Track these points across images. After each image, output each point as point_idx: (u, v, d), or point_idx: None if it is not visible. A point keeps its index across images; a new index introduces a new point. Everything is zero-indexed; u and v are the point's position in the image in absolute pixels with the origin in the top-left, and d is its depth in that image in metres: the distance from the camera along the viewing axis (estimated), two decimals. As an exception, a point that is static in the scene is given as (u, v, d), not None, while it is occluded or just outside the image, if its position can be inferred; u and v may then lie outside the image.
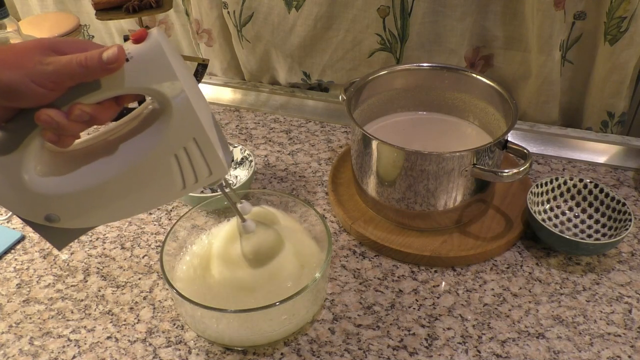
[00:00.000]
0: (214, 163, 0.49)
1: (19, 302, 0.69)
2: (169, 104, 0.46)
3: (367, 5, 0.92)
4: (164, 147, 0.47)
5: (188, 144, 0.47)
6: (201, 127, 0.47)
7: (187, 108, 0.46)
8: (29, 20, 1.01)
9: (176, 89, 0.45)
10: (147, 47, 0.44)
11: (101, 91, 0.44)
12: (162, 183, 0.49)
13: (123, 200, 0.49)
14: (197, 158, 0.48)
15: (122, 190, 0.49)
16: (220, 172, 0.50)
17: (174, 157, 0.48)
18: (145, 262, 0.73)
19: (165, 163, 0.48)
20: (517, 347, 0.61)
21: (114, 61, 0.43)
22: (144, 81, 0.45)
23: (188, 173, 0.49)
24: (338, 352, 0.62)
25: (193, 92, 0.48)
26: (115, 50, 0.43)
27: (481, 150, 0.67)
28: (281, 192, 0.71)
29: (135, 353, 0.62)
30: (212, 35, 1.06)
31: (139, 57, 0.44)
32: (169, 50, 0.45)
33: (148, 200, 0.51)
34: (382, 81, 0.81)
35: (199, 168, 0.49)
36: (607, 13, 0.82)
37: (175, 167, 0.48)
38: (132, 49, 0.44)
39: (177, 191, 0.50)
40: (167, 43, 0.46)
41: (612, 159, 0.88)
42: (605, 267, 0.70)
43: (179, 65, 0.47)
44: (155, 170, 0.48)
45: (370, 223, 0.75)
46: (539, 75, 0.90)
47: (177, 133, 0.47)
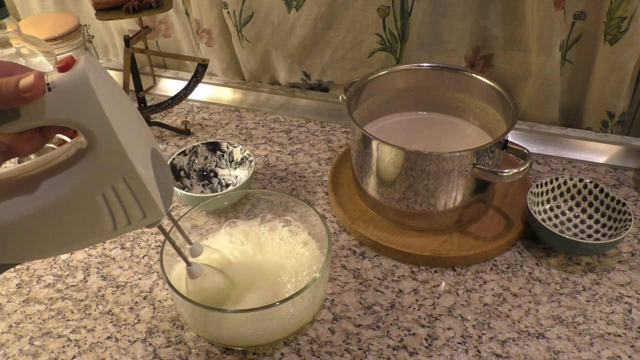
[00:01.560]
0: (147, 205, 0.46)
1: (19, 302, 0.69)
2: (95, 139, 0.42)
3: (367, 5, 0.92)
4: (89, 185, 0.44)
5: (117, 184, 0.44)
6: (131, 167, 0.43)
7: (114, 145, 0.42)
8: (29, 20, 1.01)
9: (102, 125, 0.41)
10: (71, 77, 0.41)
11: (20, 121, 0.41)
12: (89, 223, 0.46)
13: (46, 238, 0.46)
14: (127, 199, 0.45)
15: (44, 228, 0.45)
16: (156, 214, 0.47)
17: (102, 197, 0.44)
18: (145, 262, 0.73)
19: (91, 202, 0.44)
20: (517, 347, 0.61)
21: (30, 89, 0.39)
22: (67, 113, 0.41)
23: (119, 214, 0.45)
24: (338, 352, 0.62)
25: (127, 126, 0.45)
26: (32, 78, 0.39)
27: (481, 150, 0.67)
28: (281, 192, 0.71)
29: (135, 353, 0.62)
30: (212, 35, 1.06)
31: (62, 87, 0.41)
32: (97, 81, 0.42)
33: (75, 240, 0.47)
34: (382, 81, 0.81)
35: (131, 210, 0.45)
36: (607, 13, 0.82)
37: (103, 207, 0.44)
38: (55, 78, 0.41)
39: (107, 232, 0.46)
40: (96, 72, 0.42)
41: (612, 159, 0.88)
42: (605, 267, 0.70)
43: (109, 97, 0.43)
44: (81, 209, 0.45)
45: (370, 223, 0.75)
46: (539, 75, 0.90)
47: (104, 171, 0.43)
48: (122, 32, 1.14)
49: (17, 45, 0.76)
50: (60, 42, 0.94)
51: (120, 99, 0.47)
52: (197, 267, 0.57)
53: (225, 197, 0.72)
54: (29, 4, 1.18)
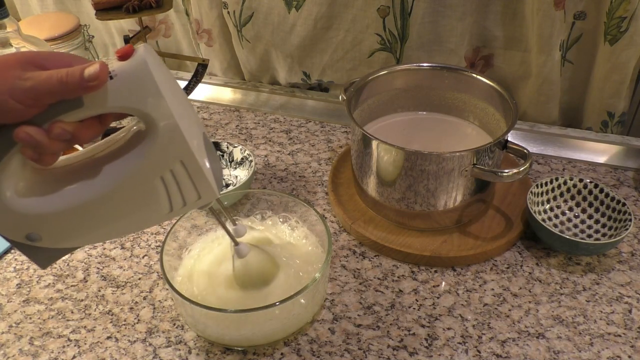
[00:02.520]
0: (202, 187, 0.47)
1: (19, 302, 0.69)
2: (155, 125, 0.44)
3: (367, 5, 0.92)
4: (149, 169, 0.45)
5: (175, 167, 0.46)
6: (189, 150, 0.45)
7: (173, 130, 0.44)
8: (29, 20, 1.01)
9: (162, 110, 0.43)
10: (132, 65, 0.42)
11: (83, 109, 0.42)
12: (148, 205, 0.47)
13: (107, 222, 0.48)
14: (184, 181, 0.46)
15: (105, 211, 0.47)
16: (210, 196, 0.48)
17: (160, 180, 0.46)
18: (145, 262, 0.73)
19: (150, 185, 0.46)
20: (517, 347, 0.61)
21: (95, 79, 0.41)
22: (128, 100, 0.43)
23: (175, 196, 0.47)
24: (338, 352, 0.62)
25: (182, 111, 0.46)
26: (97, 67, 0.41)
27: (481, 150, 0.67)
28: (281, 192, 0.71)
29: (135, 353, 0.62)
30: (212, 35, 1.06)
31: (123, 75, 0.42)
32: (156, 68, 0.43)
33: (133, 222, 0.49)
34: (382, 81, 0.81)
35: (187, 191, 0.47)
36: (607, 13, 0.82)
37: (162, 189, 0.46)
38: (116, 67, 0.42)
39: (164, 214, 0.48)
40: (154, 60, 0.44)
41: (612, 159, 0.88)
42: (605, 267, 0.70)
43: (166, 84, 0.45)
44: (140, 193, 0.46)
45: (370, 223, 0.75)
46: (539, 75, 0.90)
47: (163, 155, 0.45)
48: (122, 32, 1.14)
49: (17, 45, 0.76)
50: (60, 42, 0.94)
51: (175, 86, 0.48)
52: (244, 246, 0.59)
53: (225, 197, 0.72)
54: (29, 4, 1.18)
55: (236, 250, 0.59)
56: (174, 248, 0.66)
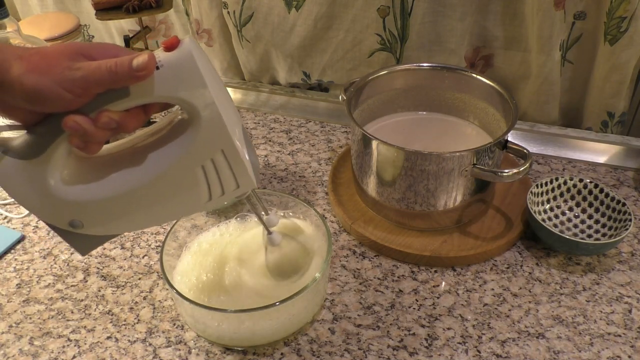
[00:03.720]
0: (241, 176, 0.48)
1: (19, 302, 0.69)
2: (198, 114, 0.45)
3: (367, 5, 0.92)
4: (191, 158, 0.47)
5: (216, 156, 0.47)
6: (230, 140, 0.46)
7: (216, 120, 0.45)
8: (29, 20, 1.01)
9: (206, 100, 0.44)
10: (178, 55, 0.43)
11: (130, 99, 0.44)
12: (188, 194, 0.48)
13: (148, 210, 0.49)
14: (224, 171, 0.48)
15: (147, 199, 0.48)
16: (248, 185, 0.50)
17: (201, 169, 0.47)
18: (145, 262, 0.73)
19: (191, 174, 0.47)
20: (517, 347, 0.61)
21: (144, 68, 0.42)
22: (174, 90, 0.44)
23: (215, 185, 0.48)
24: (338, 352, 0.62)
25: (224, 103, 0.47)
26: (146, 57, 0.42)
27: (481, 150, 0.67)
28: (281, 192, 0.71)
29: (135, 353, 0.62)
30: (212, 35, 1.06)
31: (169, 65, 0.43)
32: (200, 60, 0.44)
33: (173, 211, 0.50)
34: (382, 81, 0.81)
35: (226, 181, 0.48)
36: (607, 13, 0.82)
37: (202, 178, 0.47)
38: (162, 57, 0.43)
39: (202, 203, 0.49)
40: (199, 52, 0.45)
41: (612, 159, 0.88)
42: (605, 267, 0.70)
43: (210, 76, 0.46)
44: (181, 181, 0.47)
45: (370, 223, 0.75)
46: (539, 75, 0.90)
47: (205, 144, 0.46)
48: (122, 32, 1.14)
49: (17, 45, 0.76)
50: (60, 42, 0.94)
51: (217, 78, 0.49)
52: (276, 235, 0.60)
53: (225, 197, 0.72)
54: (29, 4, 1.18)
55: (269, 239, 0.59)
56: (174, 248, 0.66)
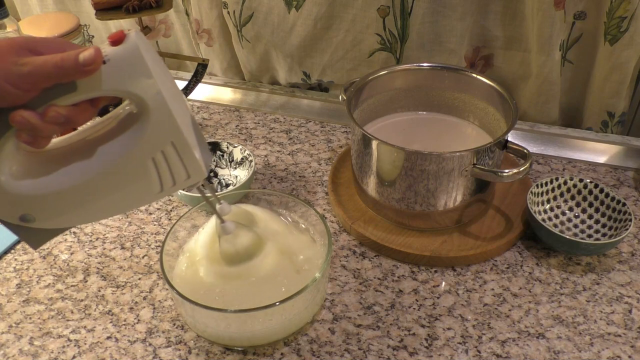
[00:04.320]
0: (192, 166, 0.49)
1: (19, 302, 0.69)
2: (147, 107, 0.45)
3: (367, 5, 0.92)
4: (141, 150, 0.47)
5: (166, 148, 0.47)
6: (179, 131, 0.46)
7: (164, 112, 0.45)
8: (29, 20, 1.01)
9: (153, 92, 0.45)
10: (124, 49, 0.44)
11: (77, 93, 0.44)
12: (139, 186, 0.49)
13: (99, 202, 0.49)
14: (175, 162, 0.48)
15: (97, 192, 0.48)
16: (199, 175, 0.50)
17: (152, 161, 0.47)
18: (145, 262, 0.73)
19: (142, 166, 0.48)
20: (517, 347, 0.61)
21: (91, 63, 0.42)
22: (121, 84, 0.44)
23: (166, 176, 0.49)
24: (338, 352, 0.62)
25: (172, 94, 0.48)
26: (92, 51, 0.42)
27: (481, 150, 0.67)
28: (281, 192, 0.71)
29: (135, 353, 0.62)
30: (212, 35, 1.06)
31: (116, 59, 0.43)
32: (147, 53, 0.45)
33: (125, 203, 0.50)
34: (382, 81, 0.81)
35: (177, 171, 0.49)
36: (607, 13, 0.82)
37: (153, 170, 0.48)
38: (109, 51, 0.44)
39: (154, 194, 0.50)
40: (145, 45, 0.45)
41: (612, 159, 0.88)
42: (605, 267, 0.70)
43: (157, 68, 0.46)
44: (132, 173, 0.48)
45: (370, 223, 0.75)
46: (539, 75, 0.90)
47: (155, 136, 0.46)
48: (122, 32, 1.14)
49: (17, 45, 0.76)
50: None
51: (164, 71, 0.49)
52: (230, 224, 0.60)
53: (225, 197, 0.72)
54: (29, 4, 1.18)
55: (222, 228, 0.60)
56: (174, 248, 0.66)
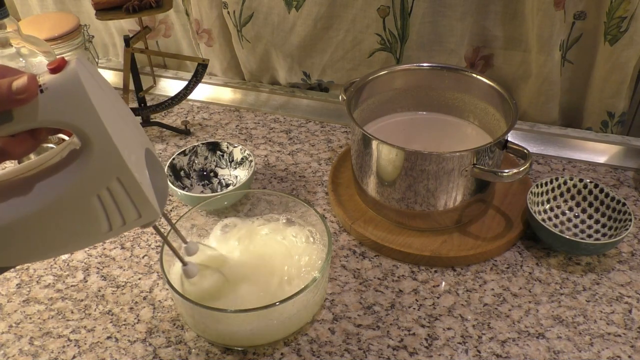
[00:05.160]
0: (142, 205, 0.45)
1: (19, 302, 0.69)
2: (89, 140, 0.42)
3: (367, 5, 0.92)
4: (85, 186, 0.43)
5: (111, 184, 0.44)
6: (125, 166, 0.43)
7: (108, 145, 0.42)
8: (29, 20, 1.01)
9: (95, 125, 0.41)
10: (63, 78, 0.41)
11: (12, 124, 0.40)
12: (85, 225, 0.45)
13: (41, 240, 0.46)
14: (122, 199, 0.44)
15: (39, 230, 0.45)
16: (151, 214, 0.46)
17: (97, 198, 0.44)
18: (145, 262, 0.73)
19: (86, 203, 0.44)
20: (517, 347, 0.61)
21: (23, 92, 0.39)
22: (60, 115, 0.41)
23: (114, 215, 0.45)
24: (338, 352, 0.62)
25: (120, 126, 0.44)
26: (26, 80, 0.39)
27: (481, 150, 0.67)
28: (281, 192, 0.71)
29: (135, 353, 0.62)
30: (212, 35, 1.06)
31: (54, 88, 0.40)
32: (90, 81, 0.42)
33: (70, 242, 0.47)
34: (382, 81, 0.81)
35: (126, 210, 0.45)
36: (607, 13, 0.82)
37: (99, 208, 0.44)
38: (47, 80, 0.41)
39: (102, 233, 0.46)
40: (88, 72, 0.42)
41: (612, 159, 0.88)
42: (605, 267, 0.70)
43: (102, 97, 0.43)
44: (76, 211, 0.44)
45: (370, 223, 0.75)
46: (539, 75, 0.90)
47: (99, 172, 0.43)
48: (122, 32, 1.14)
49: (17, 45, 0.76)
50: (60, 42, 0.94)
51: (113, 100, 0.46)
52: (192, 267, 0.58)
53: (225, 197, 0.72)
54: (29, 4, 1.18)
55: (184, 271, 0.58)
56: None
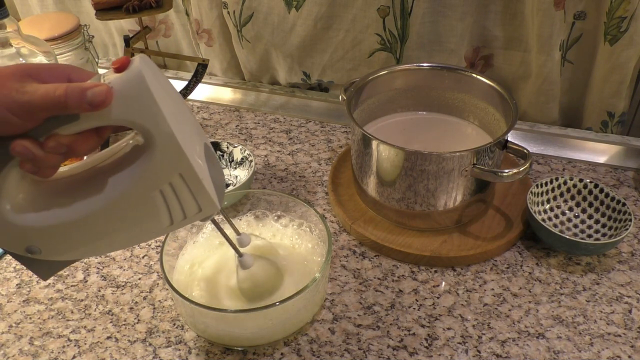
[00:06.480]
0: (203, 200, 0.46)
1: (19, 302, 0.69)
2: (153, 138, 0.43)
3: (367, 5, 0.92)
4: (149, 182, 0.45)
5: (174, 180, 0.45)
6: (188, 163, 0.44)
7: (171, 142, 0.43)
8: (29, 20, 1.01)
9: (159, 123, 0.42)
10: (128, 77, 0.42)
11: (79, 122, 0.42)
12: (148, 219, 0.47)
13: (106, 235, 0.47)
14: (184, 194, 0.45)
15: (104, 225, 0.46)
16: (211, 209, 0.47)
17: (159, 193, 0.45)
18: (145, 262, 0.73)
19: (150, 199, 0.45)
20: (517, 347, 0.61)
21: (100, 103, 0.40)
22: (125, 114, 0.42)
23: (175, 209, 0.46)
24: (338, 352, 0.62)
25: (182, 122, 0.46)
26: (104, 90, 0.40)
27: (481, 150, 0.67)
28: (281, 192, 0.71)
29: (135, 353, 0.62)
30: (212, 35, 1.06)
31: (120, 88, 0.41)
32: (153, 80, 0.43)
33: (133, 236, 0.48)
34: (382, 81, 0.81)
35: (187, 204, 0.46)
36: (607, 13, 0.82)
37: (161, 203, 0.45)
38: (112, 79, 0.42)
39: (164, 227, 0.47)
40: (151, 71, 0.43)
41: (612, 159, 0.88)
42: (605, 267, 0.70)
43: (165, 95, 0.44)
44: (140, 206, 0.46)
45: (370, 223, 0.75)
46: (539, 75, 0.90)
47: (162, 168, 0.44)
48: (122, 32, 1.14)
49: (17, 45, 0.76)
50: (60, 42, 0.94)
51: (174, 96, 0.47)
52: (248, 258, 0.58)
53: (225, 197, 0.72)
54: (29, 4, 1.18)
55: (240, 262, 0.58)
56: (174, 248, 0.66)
